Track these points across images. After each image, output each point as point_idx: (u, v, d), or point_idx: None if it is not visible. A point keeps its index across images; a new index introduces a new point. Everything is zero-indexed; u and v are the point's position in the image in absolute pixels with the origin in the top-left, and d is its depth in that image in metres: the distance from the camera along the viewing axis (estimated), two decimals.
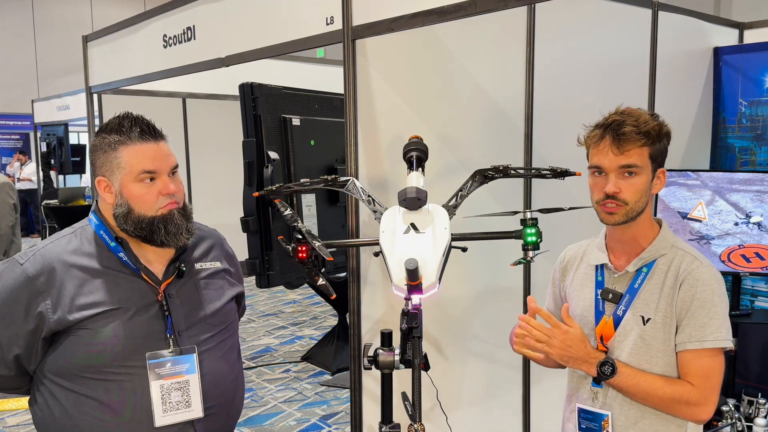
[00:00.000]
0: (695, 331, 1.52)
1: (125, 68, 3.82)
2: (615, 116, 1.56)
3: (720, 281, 1.56)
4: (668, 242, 1.62)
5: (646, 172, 1.55)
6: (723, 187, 3.07)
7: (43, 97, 9.43)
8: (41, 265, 1.51)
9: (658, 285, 1.58)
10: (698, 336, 1.52)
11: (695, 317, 1.52)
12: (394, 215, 1.90)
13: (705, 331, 1.51)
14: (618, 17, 3.04)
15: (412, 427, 1.66)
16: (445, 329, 2.56)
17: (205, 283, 1.68)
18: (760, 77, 3.41)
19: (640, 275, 1.61)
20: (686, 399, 1.51)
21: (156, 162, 1.54)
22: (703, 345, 1.51)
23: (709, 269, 1.56)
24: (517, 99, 2.69)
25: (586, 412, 1.65)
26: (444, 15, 1.88)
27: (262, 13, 2.68)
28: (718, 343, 1.51)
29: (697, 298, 1.53)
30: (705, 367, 1.52)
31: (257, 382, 4.41)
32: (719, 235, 3.08)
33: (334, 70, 4.04)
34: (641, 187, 1.55)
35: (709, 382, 1.52)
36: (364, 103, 2.21)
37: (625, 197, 1.54)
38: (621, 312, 1.61)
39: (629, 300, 1.61)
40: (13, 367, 1.53)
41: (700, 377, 1.52)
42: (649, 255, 1.61)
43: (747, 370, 3.41)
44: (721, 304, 1.53)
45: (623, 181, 1.54)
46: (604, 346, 1.62)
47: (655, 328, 1.56)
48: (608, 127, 1.54)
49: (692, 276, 1.54)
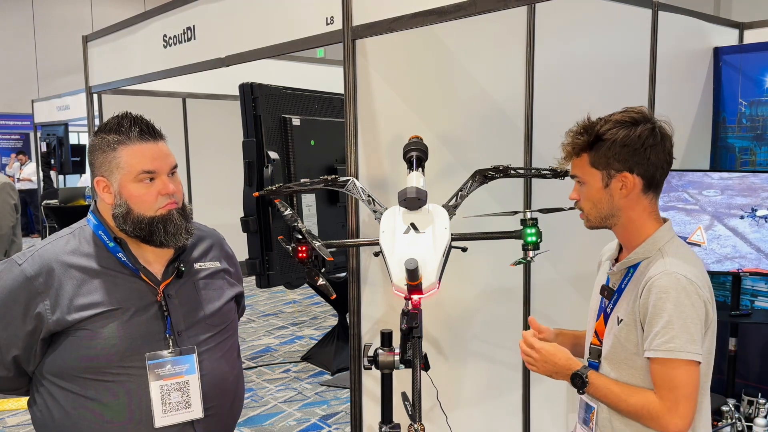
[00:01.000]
0: (650, 338, 1.50)
1: (125, 68, 3.82)
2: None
3: (684, 289, 1.48)
4: (657, 245, 1.59)
5: (592, 179, 1.60)
6: (722, 213, 3.08)
7: (43, 97, 9.43)
8: (40, 265, 1.50)
9: (634, 288, 1.59)
10: (652, 344, 1.49)
11: (651, 325, 1.50)
12: (394, 215, 1.90)
13: (657, 341, 1.49)
14: (618, 17, 3.04)
15: (412, 427, 1.66)
16: (445, 329, 2.55)
17: (204, 284, 1.68)
18: (760, 77, 3.41)
19: (627, 275, 1.64)
20: (647, 411, 1.50)
21: (155, 162, 1.53)
22: (656, 354, 1.48)
23: (671, 276, 1.50)
24: (517, 99, 2.69)
25: (586, 403, 1.71)
26: (444, 15, 1.88)
27: (262, 13, 2.68)
28: (672, 354, 1.46)
29: (652, 305, 1.50)
30: (669, 379, 1.48)
31: (257, 382, 4.41)
32: (718, 259, 3.10)
33: (334, 70, 4.04)
34: (590, 195, 1.61)
35: (673, 393, 1.47)
36: (364, 103, 2.21)
37: (581, 205, 1.65)
38: (609, 309, 1.66)
39: (616, 299, 1.65)
40: (12, 368, 1.53)
41: (665, 389, 1.49)
42: (635, 257, 1.62)
43: (747, 370, 3.41)
44: (678, 313, 1.47)
45: (580, 189, 1.64)
46: (599, 341, 1.67)
47: (627, 330, 1.58)
48: None
49: (651, 282, 1.52)
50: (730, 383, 3.21)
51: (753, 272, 3.10)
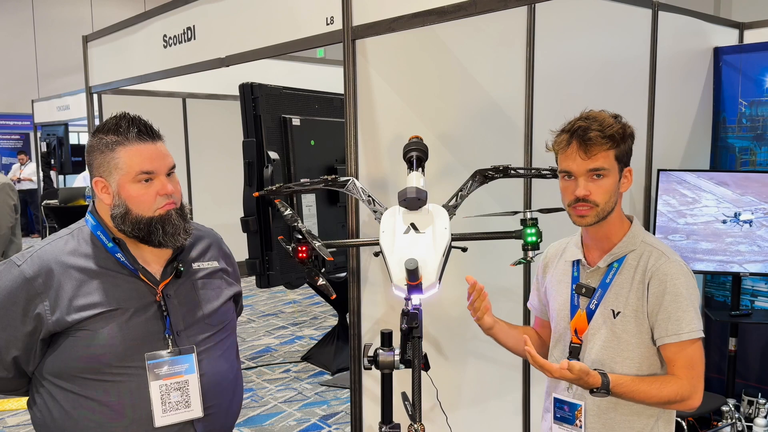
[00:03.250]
0: (671, 325, 1.58)
1: (125, 68, 3.82)
2: (580, 122, 1.61)
3: (687, 274, 1.62)
4: (638, 238, 1.67)
5: (613, 173, 1.61)
6: (686, 257, 3.05)
7: (43, 97, 9.44)
8: (39, 266, 1.50)
9: (628, 279, 1.65)
10: (675, 330, 1.58)
11: (669, 311, 1.59)
12: (394, 215, 1.90)
13: (681, 325, 1.58)
14: (618, 17, 3.04)
15: (412, 427, 1.66)
16: (445, 329, 2.55)
17: (202, 283, 1.68)
18: (760, 77, 3.41)
19: (611, 270, 1.67)
20: (680, 395, 1.57)
21: (154, 162, 1.53)
22: (680, 338, 1.57)
23: (676, 264, 1.61)
24: (517, 99, 2.69)
25: (561, 401, 1.73)
26: (444, 15, 1.88)
27: (262, 13, 2.68)
28: (694, 334, 1.58)
29: (668, 292, 1.59)
30: (689, 358, 1.59)
31: (257, 382, 4.41)
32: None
33: (334, 70, 4.04)
34: (610, 188, 1.61)
35: (695, 370, 1.59)
36: (364, 103, 2.21)
37: (595, 199, 1.60)
38: (593, 306, 1.68)
39: (601, 294, 1.68)
40: (12, 369, 1.53)
41: (686, 368, 1.58)
42: (620, 251, 1.67)
43: (747, 370, 3.41)
44: (691, 297, 1.59)
45: (592, 183, 1.60)
46: (579, 339, 1.69)
47: (626, 321, 1.63)
48: (574, 132, 1.60)
49: (660, 271, 1.60)
50: (730, 383, 3.21)
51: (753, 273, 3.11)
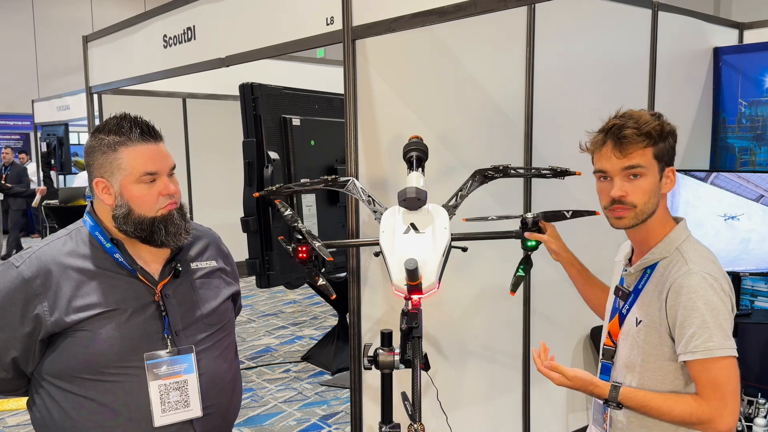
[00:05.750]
0: (685, 341, 1.47)
1: (125, 68, 3.83)
2: (615, 120, 1.55)
3: (709, 287, 1.47)
4: (673, 245, 1.57)
5: (652, 172, 1.53)
6: None
7: (43, 97, 9.44)
8: (37, 267, 1.50)
9: (655, 289, 1.56)
10: (689, 347, 1.47)
11: (684, 327, 1.48)
12: (394, 215, 1.90)
13: (694, 342, 1.46)
14: (618, 17, 3.04)
15: (412, 427, 1.66)
16: (445, 329, 2.56)
17: (201, 283, 1.68)
18: (760, 77, 3.41)
19: (644, 276, 1.60)
20: (697, 417, 1.47)
21: (157, 163, 1.53)
22: (694, 356, 1.46)
23: (696, 276, 1.48)
24: (517, 99, 2.69)
25: (601, 404, 1.67)
26: (444, 15, 1.88)
27: (262, 13, 2.68)
28: (711, 353, 1.44)
29: (683, 306, 1.48)
30: (712, 378, 1.46)
31: (257, 382, 4.40)
32: None
33: (334, 70, 4.04)
34: (648, 188, 1.52)
35: (719, 392, 1.45)
36: (364, 103, 2.21)
37: (632, 200, 1.52)
38: (626, 311, 1.63)
39: (633, 299, 1.61)
40: (11, 370, 1.53)
41: (709, 388, 1.46)
42: (652, 257, 1.59)
43: (747, 370, 3.40)
44: (710, 312, 1.45)
45: (629, 183, 1.52)
46: (612, 342, 1.64)
47: (647, 331, 1.55)
48: (609, 131, 1.53)
49: (677, 283, 1.50)
50: None
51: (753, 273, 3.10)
